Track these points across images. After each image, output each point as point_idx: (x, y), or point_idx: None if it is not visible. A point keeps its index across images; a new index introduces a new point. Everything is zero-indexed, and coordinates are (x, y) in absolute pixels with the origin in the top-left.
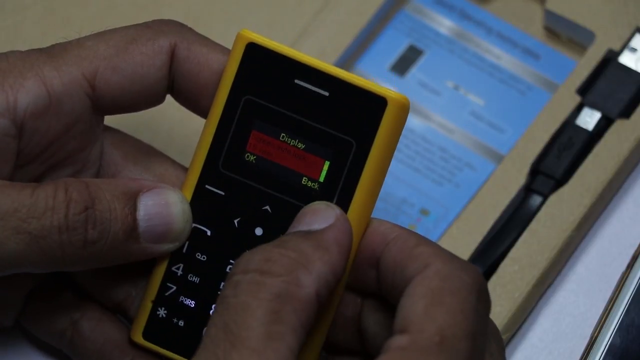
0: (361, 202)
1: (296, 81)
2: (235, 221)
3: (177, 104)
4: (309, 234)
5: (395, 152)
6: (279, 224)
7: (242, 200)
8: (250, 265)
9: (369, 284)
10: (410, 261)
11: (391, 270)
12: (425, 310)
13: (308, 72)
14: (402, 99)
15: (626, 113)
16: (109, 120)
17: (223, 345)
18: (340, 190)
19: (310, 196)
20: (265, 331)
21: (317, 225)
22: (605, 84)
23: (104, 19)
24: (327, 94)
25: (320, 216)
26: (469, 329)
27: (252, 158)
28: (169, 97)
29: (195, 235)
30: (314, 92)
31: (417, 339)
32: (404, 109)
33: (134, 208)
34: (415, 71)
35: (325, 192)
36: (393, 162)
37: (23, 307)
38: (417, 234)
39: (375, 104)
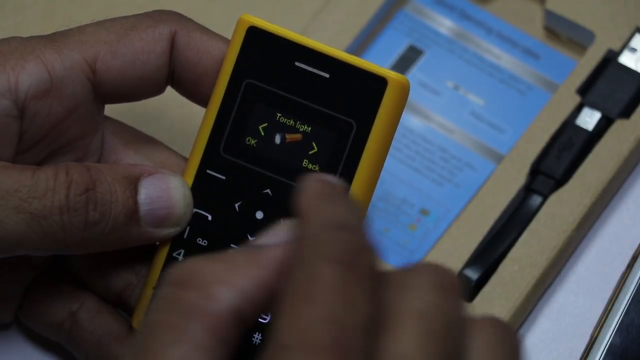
0: (362, 183)
1: (297, 63)
2: (236, 205)
3: (177, 101)
4: (249, 247)
5: (396, 152)
6: (279, 208)
7: (243, 184)
8: (172, 276)
9: None
10: None
11: None
12: None
13: (308, 54)
14: (402, 79)
15: (626, 113)
16: (110, 114)
17: None
18: (341, 172)
19: None
20: (175, 355)
21: (264, 241)
22: (605, 84)
23: (104, 18)
24: (327, 75)
25: (271, 233)
26: None
27: (253, 142)
28: (170, 93)
29: (196, 221)
30: (315, 74)
31: None
32: (405, 90)
33: (135, 191)
34: (415, 71)
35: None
36: (394, 162)
37: (22, 301)
38: None
39: (375, 84)
